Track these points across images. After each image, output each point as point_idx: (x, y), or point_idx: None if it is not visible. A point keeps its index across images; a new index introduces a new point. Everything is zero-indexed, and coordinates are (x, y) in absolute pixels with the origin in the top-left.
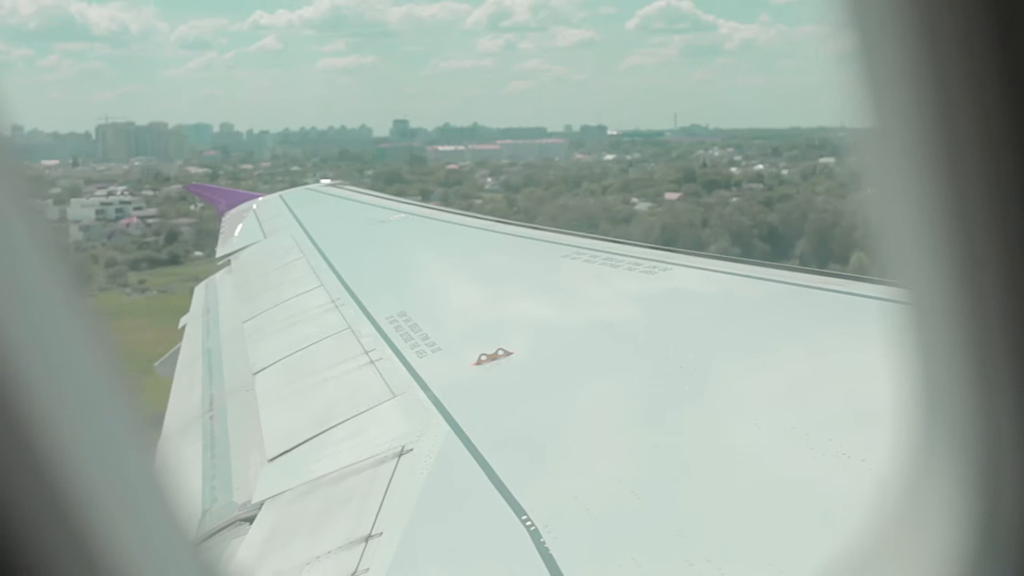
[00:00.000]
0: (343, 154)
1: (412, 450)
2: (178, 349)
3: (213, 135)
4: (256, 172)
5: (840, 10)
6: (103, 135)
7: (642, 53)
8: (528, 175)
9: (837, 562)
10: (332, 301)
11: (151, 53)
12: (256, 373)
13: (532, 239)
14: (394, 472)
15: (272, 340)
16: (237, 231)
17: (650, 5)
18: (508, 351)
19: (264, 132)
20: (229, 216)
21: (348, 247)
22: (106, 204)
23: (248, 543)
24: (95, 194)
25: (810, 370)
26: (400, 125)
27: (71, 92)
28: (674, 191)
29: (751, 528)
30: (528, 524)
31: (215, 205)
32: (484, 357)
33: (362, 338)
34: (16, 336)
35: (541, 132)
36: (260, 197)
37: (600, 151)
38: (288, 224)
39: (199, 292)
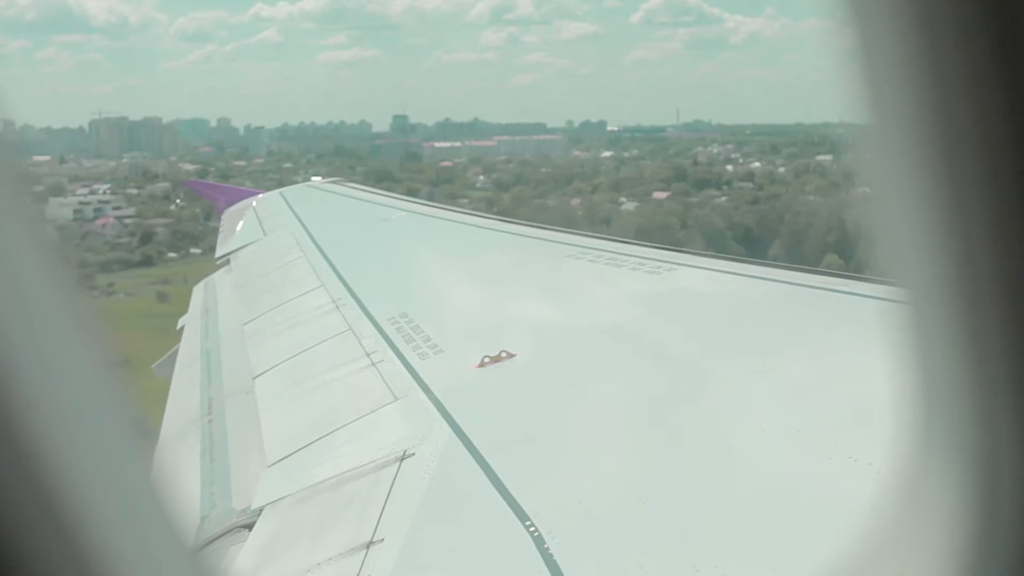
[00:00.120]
0: (339, 150)
1: (414, 454)
2: (176, 350)
3: (210, 130)
4: (249, 169)
5: (840, 6)
6: (96, 130)
7: (646, 47)
8: (520, 173)
9: (838, 563)
10: (333, 302)
11: (150, 45)
12: (256, 376)
13: (536, 239)
14: (396, 476)
15: (272, 342)
16: (236, 229)
17: None
18: (511, 353)
19: (259, 127)
20: (228, 214)
21: (349, 246)
22: (84, 204)
23: (247, 550)
24: (77, 192)
25: (815, 371)
26: (399, 120)
27: (69, 85)
28: (663, 190)
29: (757, 532)
30: (531, 529)
31: (214, 203)
32: (487, 359)
33: (363, 340)
34: (10, 338)
35: (541, 128)
36: (260, 194)
37: (599, 148)
38: (288, 222)
39: (198, 292)
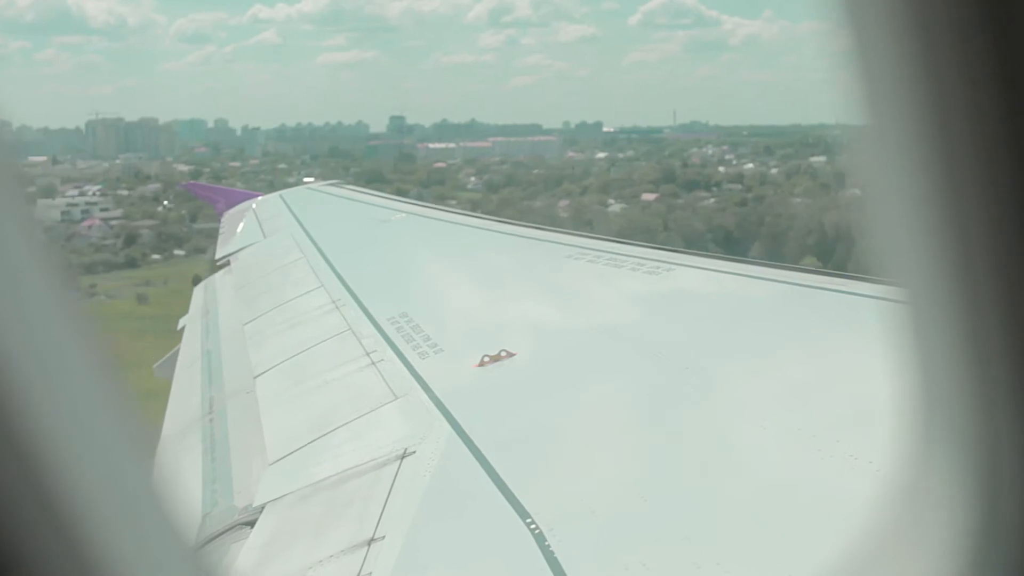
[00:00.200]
0: (334, 151)
1: (415, 452)
2: (177, 351)
3: (207, 131)
4: (243, 170)
5: (837, 8)
6: (93, 131)
7: (645, 49)
8: (511, 174)
9: (839, 563)
10: (333, 302)
11: (149, 46)
12: (257, 376)
13: (536, 239)
14: (396, 475)
15: (273, 342)
16: (236, 231)
17: (653, 0)
18: (511, 352)
19: (256, 128)
20: (228, 216)
21: (349, 247)
22: (72, 205)
23: (249, 547)
24: (67, 194)
25: (816, 370)
26: (396, 121)
27: (68, 86)
28: (652, 192)
29: (759, 530)
30: (532, 527)
31: (214, 204)
32: (487, 358)
33: (363, 339)
34: (9, 338)
35: (537, 129)
36: (260, 196)
37: (594, 149)
38: (288, 224)
39: (198, 293)
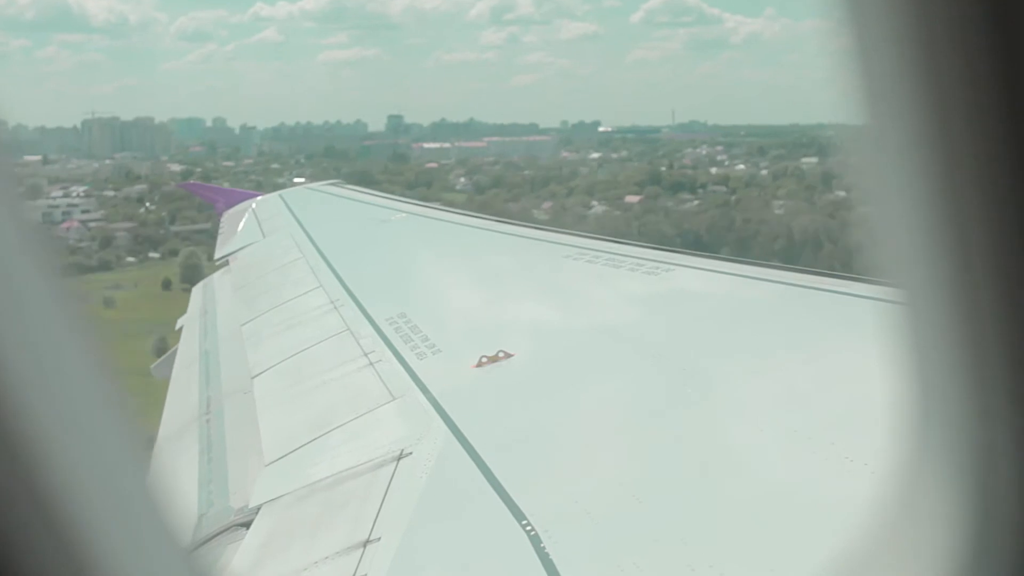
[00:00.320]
0: (328, 151)
1: (411, 453)
2: (175, 351)
3: (205, 130)
4: (236, 169)
5: (838, 7)
6: (89, 130)
7: (646, 47)
8: (499, 175)
9: (835, 565)
10: (331, 302)
11: (150, 45)
12: (255, 376)
13: (534, 239)
14: (393, 476)
15: (271, 342)
16: (236, 231)
17: None
18: (509, 353)
19: (251, 128)
20: (228, 216)
21: (347, 247)
22: (53, 207)
23: (245, 548)
24: (51, 195)
25: (813, 372)
26: (394, 121)
27: (69, 84)
28: (636, 194)
29: (754, 533)
30: (528, 529)
31: (213, 204)
32: (484, 359)
33: (361, 340)
34: (4, 339)
35: (534, 128)
36: (259, 196)
37: (588, 149)
38: (287, 224)
39: (196, 293)
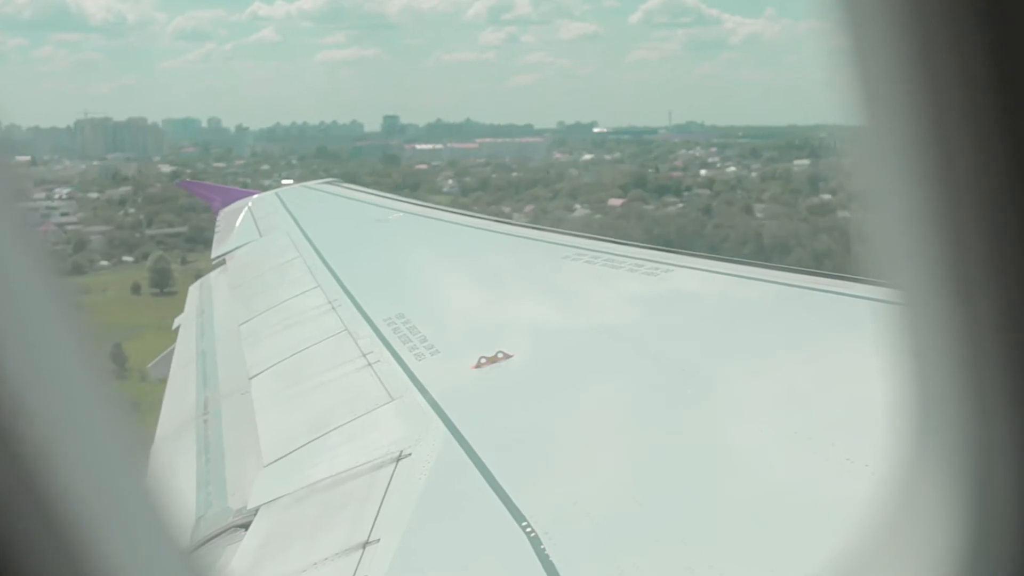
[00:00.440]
0: (320, 152)
1: (410, 455)
2: (172, 351)
3: (200, 130)
4: (227, 170)
5: (834, 8)
6: (81, 130)
7: (646, 47)
8: (486, 178)
9: (834, 565)
10: (329, 302)
11: (148, 44)
12: (252, 376)
13: (533, 239)
14: (392, 477)
15: (268, 342)
16: (232, 230)
17: None
18: (508, 354)
19: (245, 128)
20: (224, 214)
21: (345, 246)
22: (31, 209)
23: (243, 550)
24: (34, 197)
25: (813, 372)
26: (390, 121)
27: (66, 84)
28: (619, 197)
29: (754, 533)
30: (528, 530)
31: (210, 203)
32: (483, 360)
33: (359, 340)
34: (3, 340)
35: (529, 129)
36: (256, 195)
37: (582, 150)
38: (284, 222)
39: (193, 292)
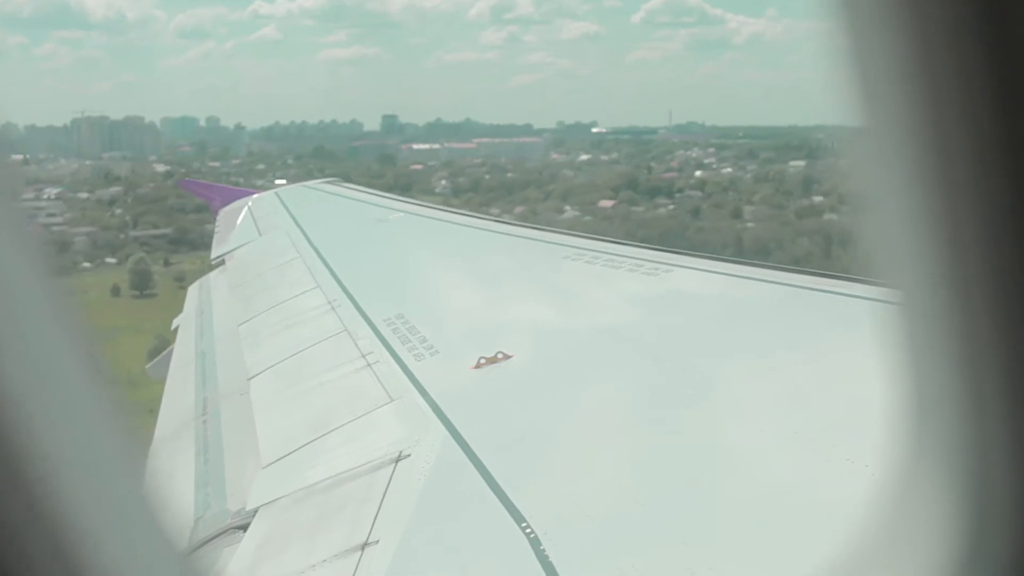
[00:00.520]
0: (317, 151)
1: (410, 455)
2: (171, 351)
3: (199, 129)
4: (222, 170)
5: (833, 8)
6: (78, 129)
7: (648, 47)
8: (479, 178)
9: (833, 566)
10: (329, 303)
11: (149, 42)
12: (251, 377)
13: (532, 239)
14: (391, 478)
15: (268, 343)
16: (232, 229)
17: None
18: (508, 354)
19: (243, 127)
20: (224, 214)
21: (345, 247)
22: None
23: (242, 551)
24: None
25: (813, 373)
26: (389, 120)
27: (67, 82)
28: (610, 198)
29: (754, 534)
30: (528, 531)
31: (209, 202)
32: (483, 360)
33: (359, 341)
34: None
35: (528, 129)
36: (256, 194)
37: (579, 150)
38: (284, 222)
39: (192, 293)
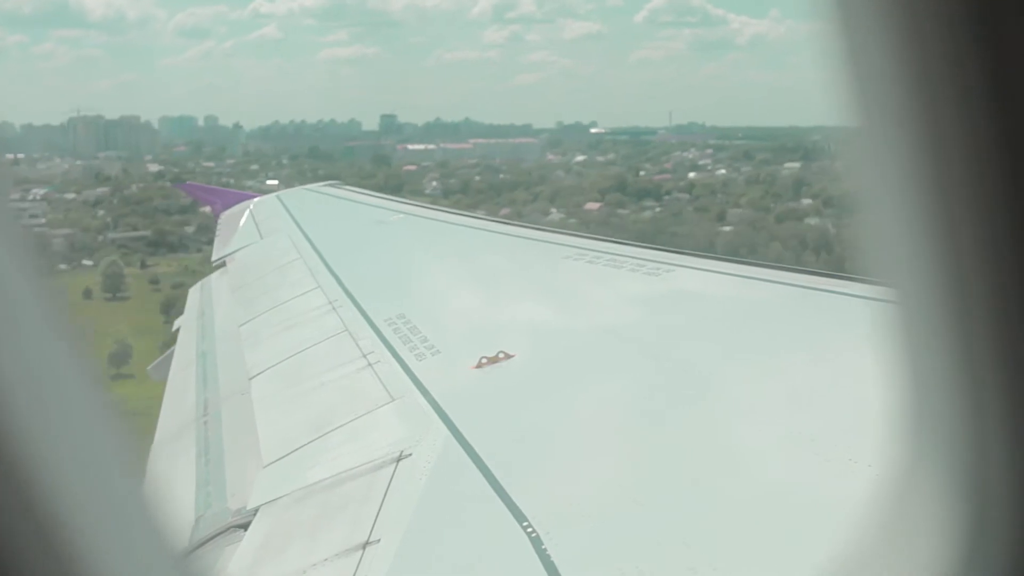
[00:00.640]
0: (312, 151)
1: (411, 455)
2: (172, 352)
3: (197, 129)
4: (215, 170)
5: (830, 9)
6: (74, 128)
7: (650, 47)
8: (470, 179)
9: (833, 566)
10: (330, 303)
11: (148, 41)
12: (252, 377)
13: (533, 240)
14: (392, 477)
15: (269, 343)
16: (234, 232)
17: None
18: (509, 354)
19: (240, 127)
20: (225, 217)
21: (346, 248)
22: None
23: (242, 550)
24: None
25: (815, 373)
26: (387, 120)
27: (67, 80)
28: (597, 201)
29: (755, 534)
30: (529, 530)
31: (211, 205)
32: (484, 360)
33: (360, 341)
34: None
35: (527, 130)
36: (257, 197)
37: (576, 151)
38: (285, 225)
39: (194, 294)
